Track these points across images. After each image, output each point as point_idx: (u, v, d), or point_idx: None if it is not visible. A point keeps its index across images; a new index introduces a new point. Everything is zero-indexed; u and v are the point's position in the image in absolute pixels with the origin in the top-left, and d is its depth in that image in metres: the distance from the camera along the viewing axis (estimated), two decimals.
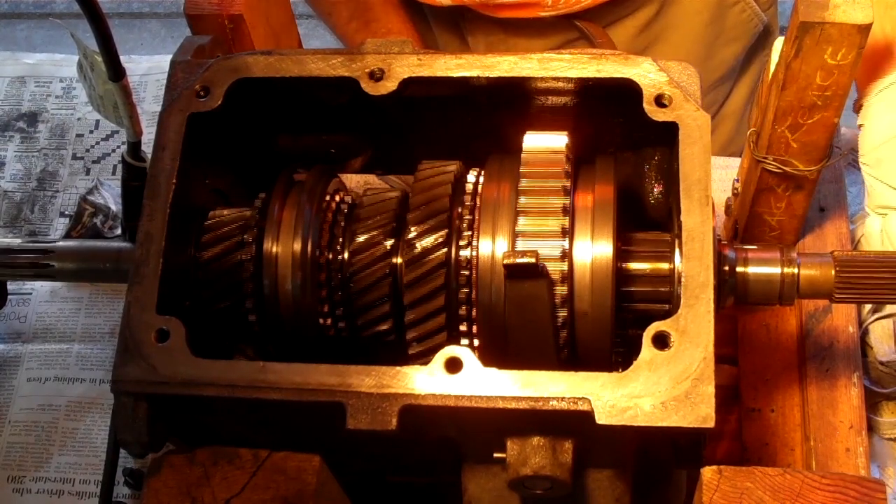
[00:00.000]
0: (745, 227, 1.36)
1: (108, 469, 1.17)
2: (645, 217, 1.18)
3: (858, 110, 1.35)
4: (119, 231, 1.51)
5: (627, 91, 1.06)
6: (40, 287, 1.59)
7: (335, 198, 1.13)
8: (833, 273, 1.07)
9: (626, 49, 1.76)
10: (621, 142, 1.15)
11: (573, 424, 0.96)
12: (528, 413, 0.94)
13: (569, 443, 0.97)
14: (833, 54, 1.11)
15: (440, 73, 1.09)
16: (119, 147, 1.72)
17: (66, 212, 1.67)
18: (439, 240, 1.05)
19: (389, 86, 1.09)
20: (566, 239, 1.02)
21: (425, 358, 1.03)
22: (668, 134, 1.05)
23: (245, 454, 0.99)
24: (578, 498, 1.07)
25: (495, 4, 1.70)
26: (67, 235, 1.56)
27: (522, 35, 1.78)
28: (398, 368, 0.96)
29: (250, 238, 1.09)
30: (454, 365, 0.96)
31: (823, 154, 1.24)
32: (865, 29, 1.08)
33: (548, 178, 1.04)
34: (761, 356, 1.39)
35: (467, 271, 1.05)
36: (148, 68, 1.81)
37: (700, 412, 0.92)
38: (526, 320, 1.02)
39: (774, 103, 1.18)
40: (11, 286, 1.51)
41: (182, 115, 1.09)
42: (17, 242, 1.26)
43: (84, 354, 1.52)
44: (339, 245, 1.09)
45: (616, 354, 1.07)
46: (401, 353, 1.07)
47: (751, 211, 1.33)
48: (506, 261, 0.98)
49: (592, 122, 1.13)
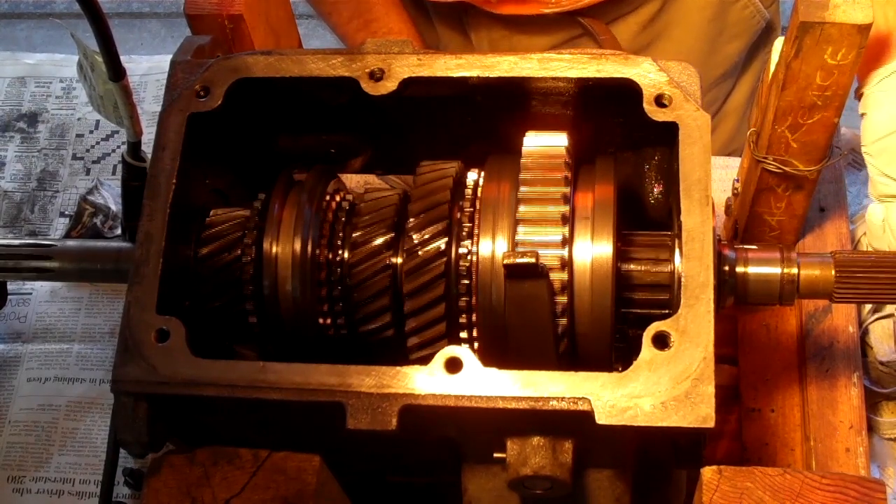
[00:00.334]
0: (745, 227, 1.36)
1: (108, 469, 1.16)
2: (645, 217, 1.18)
3: (860, 98, 1.35)
4: (119, 231, 1.51)
5: (627, 91, 1.06)
6: (40, 287, 1.59)
7: (335, 198, 1.13)
8: (833, 273, 1.07)
9: (629, 45, 1.77)
10: (621, 142, 1.15)
11: (573, 424, 0.96)
12: (528, 413, 0.94)
13: (569, 443, 0.97)
14: (833, 54, 1.11)
15: (440, 73, 1.09)
16: (119, 147, 1.72)
17: (66, 212, 1.66)
18: (439, 240, 1.05)
19: (389, 86, 1.09)
20: (566, 242, 1.02)
21: (424, 354, 1.03)
22: (668, 134, 1.05)
23: (245, 454, 0.99)
24: (578, 498, 1.07)
25: (498, 0, 1.70)
26: (67, 235, 1.56)
27: (525, 31, 1.78)
28: (398, 368, 0.96)
29: (250, 238, 1.09)
30: (454, 365, 0.96)
31: (823, 154, 1.24)
32: (865, 29, 1.08)
33: (547, 185, 1.04)
34: (761, 356, 1.39)
35: (467, 272, 1.05)
36: (148, 68, 1.81)
37: (700, 412, 0.92)
38: (526, 320, 1.02)
39: (774, 103, 1.18)
40: (11, 286, 1.51)
41: (182, 115, 1.09)
42: (17, 242, 1.26)
43: (84, 354, 1.52)
44: (339, 245, 1.09)
45: (616, 354, 1.07)
46: (401, 354, 1.07)
47: (751, 211, 1.33)
48: (506, 261, 0.98)
49: (592, 122, 1.13)
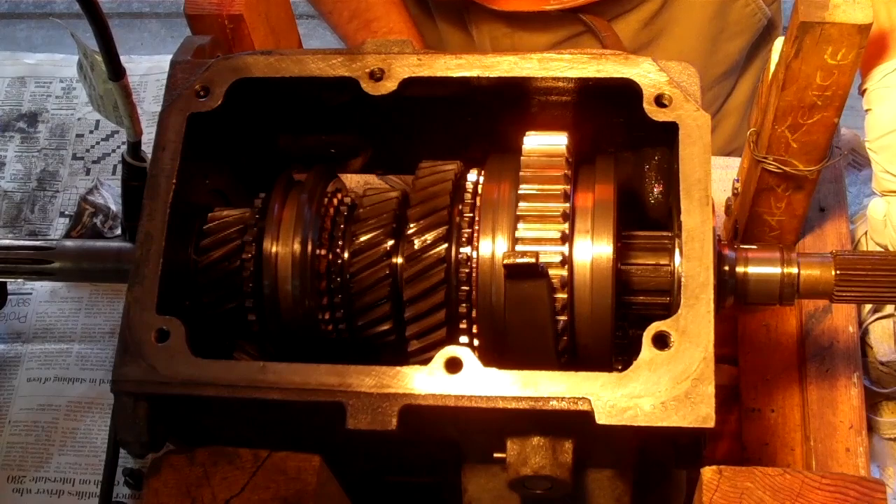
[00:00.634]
0: (745, 227, 1.36)
1: (108, 469, 1.16)
2: (645, 217, 1.18)
3: (863, 94, 1.35)
4: (119, 231, 1.51)
5: (627, 91, 1.06)
6: (40, 287, 1.59)
7: (335, 198, 1.13)
8: (833, 273, 1.07)
9: (630, 42, 1.77)
10: (621, 142, 1.15)
11: (573, 424, 0.96)
12: (528, 413, 0.94)
13: (569, 443, 0.97)
14: (833, 54, 1.11)
15: (440, 73, 1.09)
16: (119, 147, 1.72)
17: (66, 212, 1.67)
18: (439, 239, 1.05)
19: (389, 86, 1.09)
20: (566, 239, 1.02)
21: (425, 355, 1.03)
22: (668, 134, 1.05)
23: (245, 454, 0.99)
24: (578, 498, 1.07)
25: None
26: (67, 235, 1.56)
27: (527, 29, 1.78)
28: (398, 368, 0.96)
29: (250, 238, 1.09)
30: (454, 365, 0.96)
31: (823, 154, 1.24)
32: (865, 29, 1.08)
33: (547, 183, 1.04)
34: (761, 356, 1.39)
35: (467, 271, 1.05)
36: (148, 68, 1.81)
37: (700, 412, 0.92)
38: (526, 320, 1.02)
39: (774, 103, 1.18)
40: (11, 286, 1.51)
41: (182, 115, 1.09)
42: (17, 243, 1.27)
43: (84, 354, 1.52)
44: (340, 245, 1.09)
45: (616, 354, 1.07)
46: (401, 354, 1.07)
47: (751, 211, 1.33)
48: (506, 261, 0.98)
49: (592, 122, 1.13)
